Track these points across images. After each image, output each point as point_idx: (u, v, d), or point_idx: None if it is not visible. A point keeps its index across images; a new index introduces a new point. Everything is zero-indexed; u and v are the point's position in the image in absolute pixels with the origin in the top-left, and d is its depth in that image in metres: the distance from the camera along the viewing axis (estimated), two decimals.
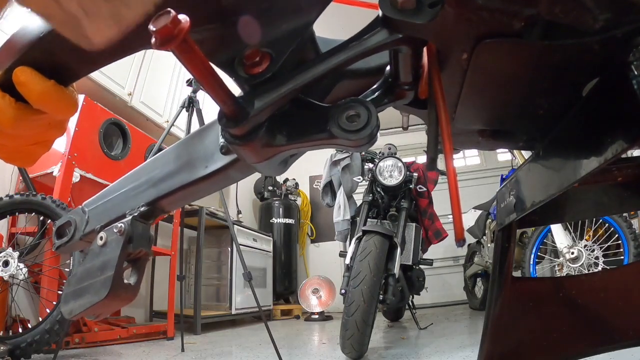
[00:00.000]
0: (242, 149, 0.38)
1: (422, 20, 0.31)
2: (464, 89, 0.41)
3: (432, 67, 0.37)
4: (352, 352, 1.76)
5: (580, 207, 0.68)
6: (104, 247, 0.41)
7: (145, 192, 0.47)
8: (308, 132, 0.38)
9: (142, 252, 0.43)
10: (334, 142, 0.37)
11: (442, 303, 4.82)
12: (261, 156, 0.39)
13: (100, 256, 0.41)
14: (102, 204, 0.50)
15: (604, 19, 0.29)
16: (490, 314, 0.67)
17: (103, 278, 0.39)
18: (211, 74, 0.31)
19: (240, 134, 0.37)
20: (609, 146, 0.32)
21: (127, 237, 0.41)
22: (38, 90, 0.37)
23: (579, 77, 0.38)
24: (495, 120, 0.51)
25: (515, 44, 0.33)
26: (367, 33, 0.36)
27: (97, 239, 0.42)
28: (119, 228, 0.41)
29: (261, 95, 0.36)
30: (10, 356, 1.69)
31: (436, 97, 0.36)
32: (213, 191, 0.48)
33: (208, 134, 0.45)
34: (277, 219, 5.10)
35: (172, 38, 0.25)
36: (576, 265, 2.28)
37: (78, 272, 0.42)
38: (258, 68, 0.37)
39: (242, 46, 0.37)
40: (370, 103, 0.36)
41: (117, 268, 0.39)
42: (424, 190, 2.80)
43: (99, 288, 0.39)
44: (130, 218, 0.42)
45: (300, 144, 0.39)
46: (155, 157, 0.50)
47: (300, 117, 0.39)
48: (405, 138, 5.17)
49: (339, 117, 0.36)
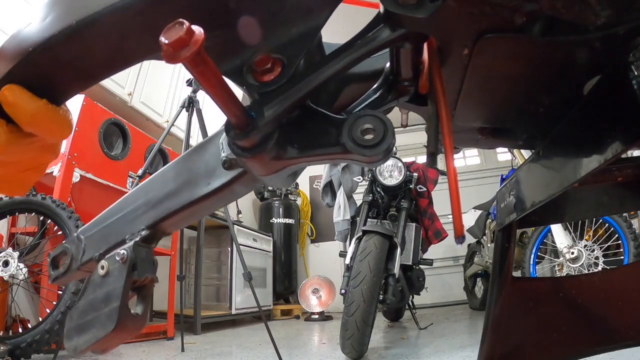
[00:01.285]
0: (250, 161, 0.36)
1: (424, 15, 0.31)
2: (465, 85, 0.40)
3: (433, 63, 0.37)
4: (352, 352, 1.76)
5: (580, 207, 0.68)
6: (106, 277, 0.39)
7: (145, 215, 0.44)
8: (320, 145, 0.36)
9: (148, 278, 0.40)
10: (348, 157, 0.35)
11: (442, 303, 4.82)
12: (270, 169, 0.38)
13: (103, 287, 0.38)
14: (99, 230, 0.47)
15: (606, 16, 0.29)
16: (490, 314, 0.67)
17: (108, 310, 0.37)
18: (223, 86, 0.29)
19: (250, 146, 0.35)
20: (609, 146, 0.32)
21: (130, 265, 0.38)
22: (29, 112, 0.33)
23: (579, 75, 0.38)
24: (495, 117, 0.51)
25: (516, 40, 0.33)
26: (370, 30, 0.35)
27: (98, 268, 0.39)
28: (121, 255, 0.39)
29: (271, 103, 0.34)
30: (10, 356, 1.69)
31: (437, 93, 0.36)
32: (217, 208, 0.46)
33: (208, 149, 0.43)
34: (277, 219, 5.10)
35: (186, 51, 0.24)
36: (576, 265, 2.28)
37: (80, 305, 0.39)
38: (270, 75, 0.35)
39: (251, 53, 0.35)
40: (385, 116, 0.34)
41: (122, 298, 0.37)
42: (424, 190, 2.80)
43: (104, 321, 0.36)
44: (133, 244, 0.40)
45: (312, 158, 0.37)
46: (153, 176, 0.47)
47: (312, 129, 0.37)
48: (405, 138, 5.17)
49: (353, 130, 0.34)
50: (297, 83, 0.35)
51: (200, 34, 0.24)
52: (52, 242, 2.13)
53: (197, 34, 0.24)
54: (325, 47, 0.41)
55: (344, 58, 0.35)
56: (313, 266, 5.49)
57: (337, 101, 0.45)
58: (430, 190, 2.84)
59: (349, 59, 0.35)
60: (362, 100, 0.44)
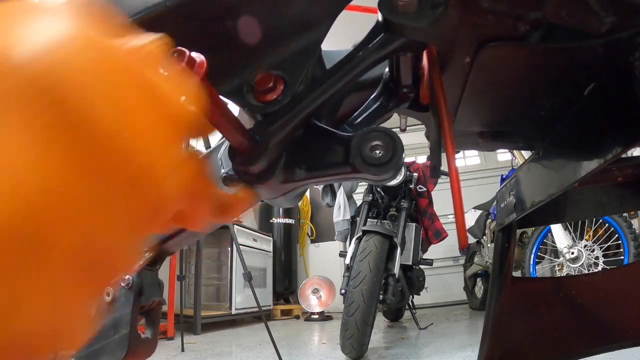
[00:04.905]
0: (259, 187, 0.35)
1: (424, 24, 0.30)
2: (466, 92, 0.40)
3: (434, 71, 0.36)
4: (352, 352, 1.76)
5: (580, 207, 0.68)
6: (112, 304, 0.38)
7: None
8: (329, 166, 0.35)
9: (155, 302, 0.40)
10: (357, 177, 0.34)
11: (442, 303, 4.82)
12: (279, 192, 0.37)
13: (110, 314, 0.38)
14: None
15: (610, 22, 0.29)
16: (490, 314, 0.67)
17: (118, 337, 0.36)
18: (226, 114, 0.28)
19: (257, 172, 0.33)
20: (609, 146, 0.32)
21: (137, 290, 0.38)
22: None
23: (582, 79, 0.38)
24: (496, 122, 0.51)
25: (519, 47, 0.33)
26: (371, 41, 0.34)
27: (104, 295, 0.39)
28: (127, 282, 0.38)
29: (276, 125, 0.32)
30: None
31: (437, 99, 0.35)
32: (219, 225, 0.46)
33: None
34: (277, 219, 5.10)
35: None
36: (576, 265, 2.28)
37: None
38: (272, 94, 0.33)
39: (250, 71, 0.34)
40: (393, 132, 0.33)
41: (131, 325, 0.36)
42: (424, 190, 2.80)
43: (114, 348, 0.36)
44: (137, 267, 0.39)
45: (321, 178, 0.36)
46: None
47: (319, 148, 0.36)
48: (405, 138, 5.10)
49: (361, 148, 0.33)
50: (301, 101, 0.33)
51: (202, 62, 0.22)
52: None
53: (199, 62, 0.22)
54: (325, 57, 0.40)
55: (347, 72, 0.34)
56: (313, 266, 5.49)
57: (338, 112, 0.44)
58: (430, 190, 2.84)
59: (353, 73, 0.34)
60: (363, 110, 0.43)
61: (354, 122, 0.43)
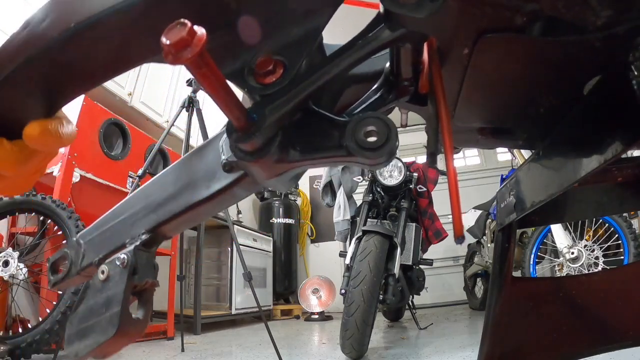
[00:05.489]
0: (253, 165, 0.36)
1: (424, 14, 0.31)
2: (465, 85, 0.40)
3: (433, 62, 0.37)
4: (352, 352, 1.76)
5: (580, 207, 0.69)
6: (106, 282, 0.38)
7: (145, 219, 0.43)
8: (323, 148, 0.36)
9: (148, 282, 0.40)
10: (351, 160, 0.35)
11: (442, 303, 4.82)
12: (273, 172, 0.37)
13: (103, 291, 0.38)
14: (99, 234, 0.47)
15: (606, 16, 0.29)
16: (490, 314, 0.67)
17: (109, 315, 0.36)
18: (225, 88, 0.29)
19: (252, 149, 0.34)
20: (609, 146, 0.32)
21: (131, 269, 0.38)
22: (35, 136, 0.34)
23: (580, 75, 0.38)
24: (496, 118, 0.51)
25: (516, 40, 0.33)
26: (371, 31, 0.35)
27: (98, 273, 0.39)
28: (122, 260, 0.38)
29: (273, 105, 0.34)
30: (10, 356, 1.69)
31: (436, 92, 0.36)
32: (218, 212, 0.46)
33: (208, 153, 0.42)
34: (277, 219, 5.10)
35: (188, 52, 0.23)
36: (576, 265, 2.28)
37: (80, 311, 0.39)
38: (272, 77, 0.35)
39: (252, 54, 0.35)
40: (388, 118, 0.34)
41: (123, 303, 0.36)
42: (424, 190, 2.81)
43: (105, 326, 0.36)
44: (133, 248, 0.40)
45: (315, 161, 0.36)
46: (152, 180, 0.47)
47: (315, 132, 0.37)
48: (405, 138, 5.17)
49: (356, 132, 0.34)
50: (298, 85, 0.35)
51: (202, 35, 0.24)
52: (52, 242, 2.13)
53: (200, 35, 0.24)
54: (327, 49, 0.41)
55: (345, 59, 0.35)
56: (313, 266, 5.49)
57: (338, 103, 0.45)
58: (430, 190, 2.84)
59: (351, 59, 0.35)
60: (362, 101, 0.44)
61: (352, 112, 0.44)
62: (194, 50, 0.23)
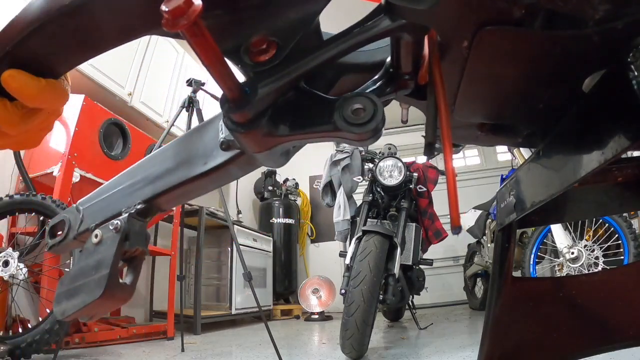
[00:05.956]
0: (243, 137, 0.38)
1: (425, 6, 0.31)
2: (464, 79, 0.41)
3: (433, 54, 0.37)
4: (352, 352, 1.76)
5: (580, 207, 0.68)
6: (99, 245, 0.40)
7: (143, 190, 0.45)
8: (311, 124, 0.37)
9: (139, 250, 0.42)
10: (338, 135, 0.36)
11: (442, 303, 4.82)
12: (263, 145, 0.39)
13: (95, 254, 0.40)
14: (97, 202, 0.49)
15: (604, 10, 0.29)
16: (490, 314, 0.67)
17: (97, 277, 0.38)
18: (219, 59, 0.31)
19: (243, 121, 0.36)
20: (609, 146, 0.32)
21: (123, 235, 0.40)
22: (32, 94, 0.36)
23: (578, 70, 0.38)
24: (495, 113, 0.51)
25: (515, 33, 0.33)
26: (370, 20, 0.36)
27: (92, 236, 0.41)
28: (115, 225, 0.40)
29: (265, 82, 0.36)
30: (10, 356, 1.69)
31: (436, 85, 0.36)
32: (212, 189, 0.47)
33: (207, 131, 0.44)
34: (277, 219, 5.10)
35: (184, 19, 0.25)
36: (576, 265, 2.28)
37: (72, 271, 0.41)
38: (264, 56, 0.37)
39: (249, 33, 0.37)
40: (376, 97, 0.36)
41: (112, 267, 0.38)
42: (424, 190, 2.80)
43: (93, 287, 0.38)
44: (127, 215, 0.41)
45: (303, 135, 0.38)
46: (153, 154, 0.49)
47: (305, 108, 0.38)
48: (405, 138, 5.17)
49: (344, 109, 0.36)
50: (291, 65, 0.36)
51: (198, 5, 0.25)
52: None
53: (195, 5, 0.25)
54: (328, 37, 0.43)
55: (339, 44, 0.36)
56: (313, 266, 5.49)
57: (333, 89, 0.46)
58: (430, 190, 2.84)
59: (345, 45, 0.36)
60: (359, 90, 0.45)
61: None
62: (189, 18, 0.25)
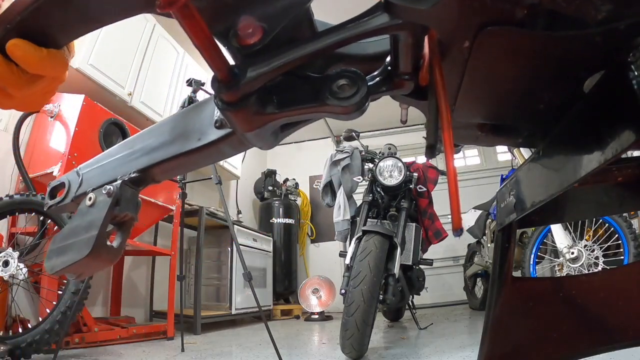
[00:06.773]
0: (233, 116, 0.39)
1: (425, 6, 0.31)
2: (465, 79, 0.40)
3: (433, 55, 0.37)
4: (352, 352, 1.76)
5: (580, 207, 0.68)
6: (91, 208, 0.42)
7: (139, 160, 0.47)
8: (298, 101, 0.39)
9: (128, 215, 0.44)
10: (325, 110, 0.38)
11: (442, 303, 4.83)
12: (252, 124, 0.40)
13: (87, 216, 0.42)
14: (96, 167, 0.51)
15: (606, 10, 0.29)
16: (490, 314, 0.67)
17: (87, 237, 0.40)
18: (209, 40, 0.32)
19: (232, 100, 0.38)
20: (609, 146, 0.32)
21: (114, 199, 0.42)
22: (35, 63, 0.39)
23: (580, 71, 0.38)
24: (495, 113, 0.50)
25: (516, 33, 0.33)
26: (367, 16, 0.36)
27: (86, 199, 0.43)
28: (108, 190, 0.42)
29: (253, 66, 0.37)
30: (10, 356, 1.69)
31: (437, 86, 0.36)
32: (204, 165, 0.50)
33: (204, 109, 0.46)
34: (277, 219, 5.10)
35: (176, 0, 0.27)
36: (576, 265, 2.28)
37: (65, 230, 0.43)
38: (250, 40, 0.38)
39: (238, 17, 0.38)
40: (360, 73, 0.38)
41: (101, 228, 0.40)
42: (424, 190, 2.80)
43: (81, 246, 0.40)
44: (120, 182, 0.43)
45: (291, 112, 0.40)
46: (151, 127, 0.51)
47: (293, 87, 0.40)
48: (405, 138, 5.18)
49: (330, 84, 0.38)
50: (281, 53, 0.38)
51: None
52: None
53: None
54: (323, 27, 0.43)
55: (331, 38, 0.37)
56: (313, 266, 5.49)
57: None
58: (430, 190, 2.84)
59: (337, 39, 0.37)
60: None
61: None
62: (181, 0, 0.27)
